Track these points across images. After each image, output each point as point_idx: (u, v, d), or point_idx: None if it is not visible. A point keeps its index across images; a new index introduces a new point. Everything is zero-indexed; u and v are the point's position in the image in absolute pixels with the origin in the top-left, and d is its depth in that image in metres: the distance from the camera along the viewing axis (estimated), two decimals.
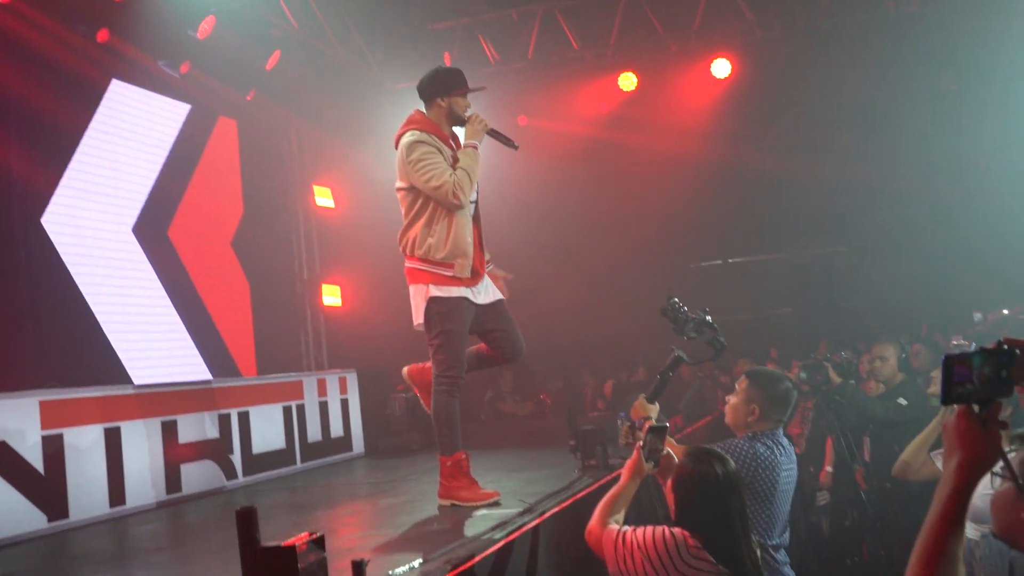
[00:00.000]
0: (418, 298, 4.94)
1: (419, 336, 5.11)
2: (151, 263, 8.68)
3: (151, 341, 8.44)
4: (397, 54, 11.33)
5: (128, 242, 8.50)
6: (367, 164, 11.74)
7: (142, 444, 6.12)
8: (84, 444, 5.67)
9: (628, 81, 11.86)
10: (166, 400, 6.45)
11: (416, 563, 3.61)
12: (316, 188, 11.50)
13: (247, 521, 2.92)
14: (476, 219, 5.12)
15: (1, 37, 7.08)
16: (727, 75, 11.52)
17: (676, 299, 4.62)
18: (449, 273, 4.89)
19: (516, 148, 5.21)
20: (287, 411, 7.64)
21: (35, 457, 5.32)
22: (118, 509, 5.81)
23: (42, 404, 5.43)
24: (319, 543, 2.97)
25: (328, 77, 10.64)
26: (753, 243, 14.87)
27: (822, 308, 13.64)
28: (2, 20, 6.97)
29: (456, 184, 4.79)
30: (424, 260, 4.90)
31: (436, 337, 4.91)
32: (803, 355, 8.88)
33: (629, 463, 3.89)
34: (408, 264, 5.00)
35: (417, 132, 4.93)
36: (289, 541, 2.82)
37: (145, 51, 8.37)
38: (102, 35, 7.85)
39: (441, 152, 4.90)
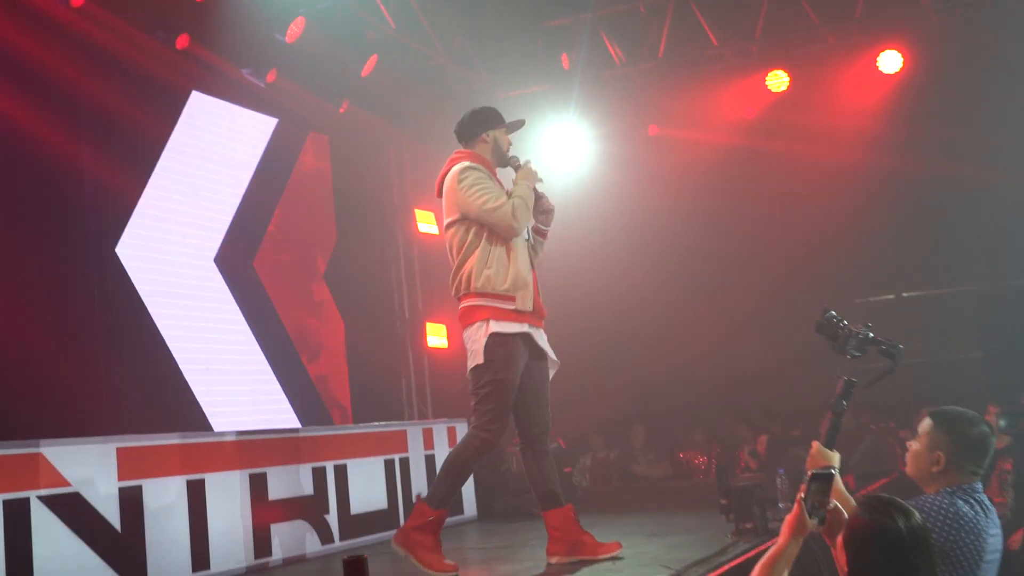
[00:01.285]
0: (477, 337, 5.14)
1: None
2: (234, 297, 8.88)
3: (233, 384, 8.62)
4: (509, 57, 11.42)
5: (209, 273, 8.73)
6: None
7: (228, 500, 6.22)
8: (165, 498, 5.79)
9: (778, 80, 11.69)
10: (254, 450, 6.57)
11: None
12: (418, 212, 11.62)
13: (357, 572, 2.91)
14: (532, 258, 5.47)
15: (73, 43, 7.37)
16: (897, 70, 11.25)
17: (833, 312, 4.47)
18: (511, 307, 5.12)
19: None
20: (389, 465, 7.69)
21: (111, 511, 5.46)
22: (202, 574, 5.90)
23: (119, 451, 5.57)
24: None
25: (431, 85, 10.77)
26: (933, 274, 14.35)
27: (1020, 351, 13.09)
28: (74, 24, 7.26)
29: (515, 207, 5.15)
30: (482, 294, 5.14)
31: (486, 384, 5.12)
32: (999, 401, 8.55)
33: (789, 519, 3.74)
34: (463, 304, 5.25)
35: (467, 162, 5.40)
36: None
37: (228, 58, 8.62)
38: (182, 41, 8.11)
39: (492, 180, 5.36)
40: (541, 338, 5.32)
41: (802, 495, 3.73)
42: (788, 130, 12.18)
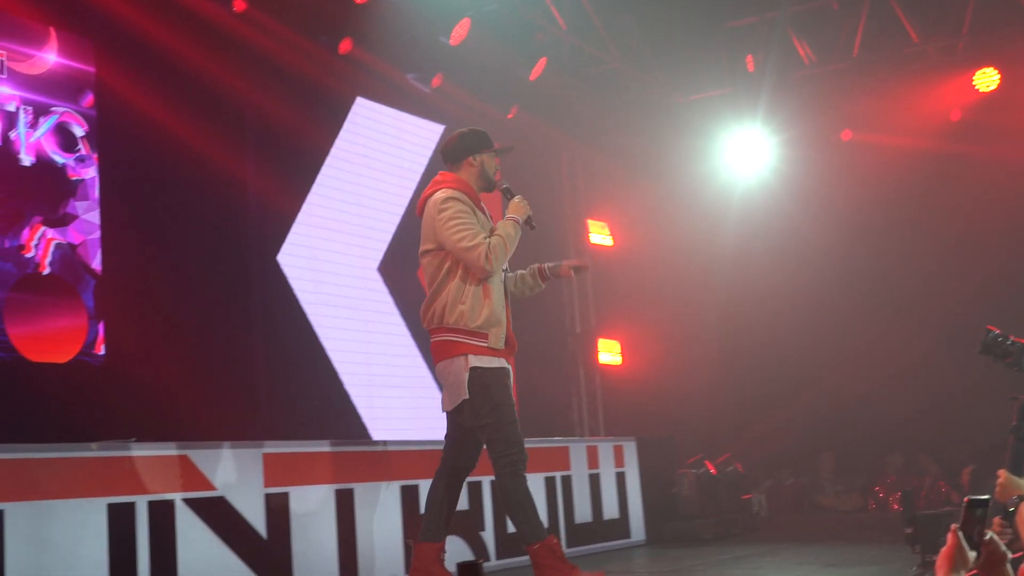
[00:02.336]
0: (455, 371, 5.18)
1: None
2: (397, 306, 9.00)
3: (394, 394, 8.72)
4: (688, 59, 11.23)
5: (372, 283, 8.86)
6: (652, 193, 11.70)
7: (379, 511, 6.26)
8: (312, 506, 5.86)
9: (987, 79, 11.14)
10: (408, 461, 6.60)
11: None
12: (591, 223, 11.57)
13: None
14: (506, 292, 5.45)
15: (235, 49, 7.63)
16: None
17: (994, 330, 4.20)
18: (485, 344, 5.14)
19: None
20: (550, 483, 7.62)
21: (257, 516, 5.56)
22: None
23: (266, 457, 5.68)
24: None
25: (605, 89, 10.70)
26: None
27: None
28: (236, 30, 7.51)
29: (492, 248, 5.11)
30: (454, 329, 5.16)
31: (488, 414, 5.13)
32: None
33: (945, 552, 3.43)
34: (436, 338, 5.29)
35: (451, 190, 5.28)
36: None
37: (392, 63, 8.78)
38: (344, 46, 8.31)
39: (475, 214, 5.27)
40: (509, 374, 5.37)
41: (958, 525, 3.44)
42: (998, 133, 11.57)
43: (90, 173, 7.34)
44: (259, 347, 7.94)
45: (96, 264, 7.35)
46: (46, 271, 7.06)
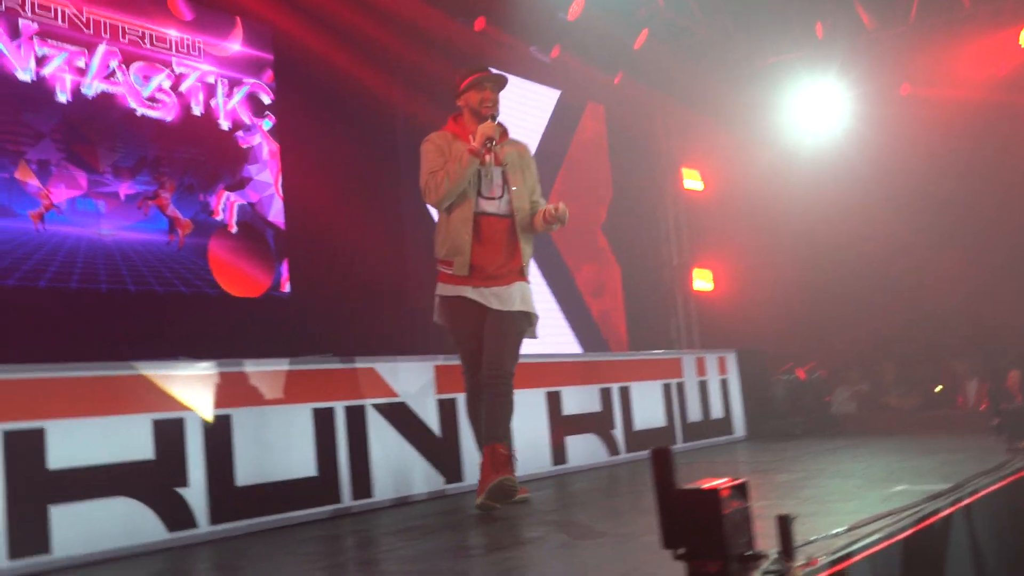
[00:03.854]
0: (436, 299, 4.79)
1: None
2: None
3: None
4: (765, 28, 10.75)
5: None
6: (737, 144, 11.32)
7: (531, 413, 6.10)
8: None
9: None
10: (549, 372, 6.41)
11: (845, 528, 3.15)
12: (684, 171, 11.23)
13: (663, 462, 2.63)
14: (510, 222, 4.68)
15: (389, 30, 7.46)
16: None
17: None
18: (449, 271, 4.68)
19: (491, 150, 4.59)
20: (667, 389, 7.38)
21: (431, 418, 5.44)
22: None
23: (437, 368, 5.54)
24: (742, 491, 2.62)
25: (695, 55, 10.33)
26: None
27: None
28: (391, 10, 7.32)
29: (427, 184, 4.59)
30: (437, 260, 4.74)
31: (448, 336, 4.76)
32: None
33: None
34: None
35: (431, 135, 4.76)
36: (710, 485, 2.49)
37: (518, 37, 8.51)
38: (479, 24, 8.06)
39: (442, 152, 4.63)
40: (499, 295, 4.62)
41: None
42: None
43: (256, 139, 7.25)
44: (413, 279, 7.82)
45: (272, 217, 7.30)
46: (234, 230, 7.03)
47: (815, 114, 11.23)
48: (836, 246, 11.27)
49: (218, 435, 4.40)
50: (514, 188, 4.71)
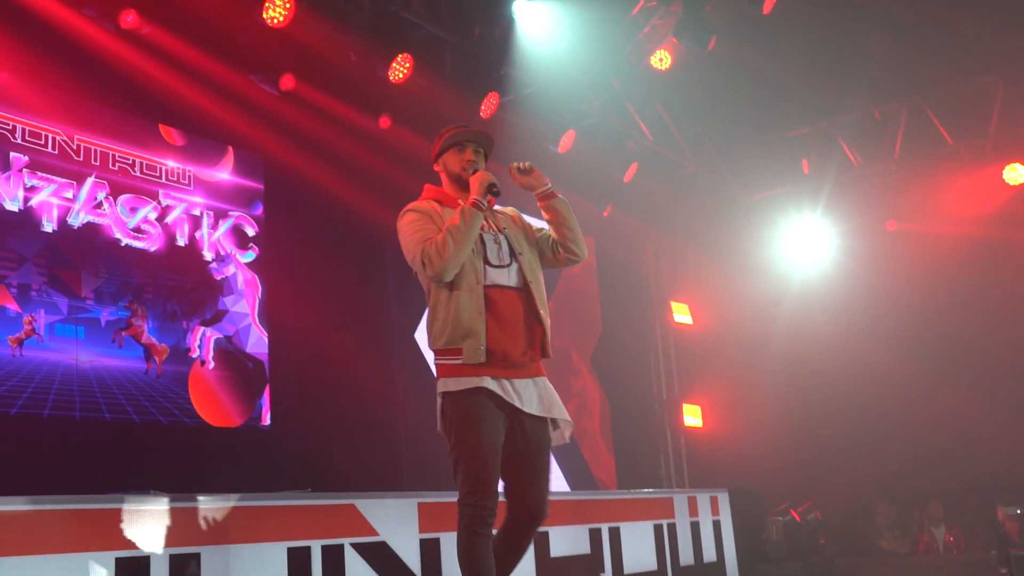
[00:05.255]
0: (438, 398, 3.74)
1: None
2: None
3: None
4: (753, 164, 10.97)
5: None
6: (726, 278, 11.37)
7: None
8: None
9: (1015, 173, 10.64)
10: None
11: None
12: (674, 304, 11.24)
13: None
14: (525, 295, 3.79)
15: (382, 150, 7.54)
16: None
17: None
18: (457, 360, 3.63)
19: (497, 194, 3.89)
20: (658, 529, 7.17)
21: (413, 560, 5.23)
22: None
23: (420, 506, 5.36)
24: None
25: (684, 189, 10.49)
26: None
27: None
28: (382, 142, 7.42)
29: (426, 251, 3.62)
30: (435, 352, 3.76)
31: (453, 449, 3.62)
32: None
33: None
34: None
35: (411, 205, 3.88)
36: None
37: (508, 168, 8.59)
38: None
39: (432, 220, 3.77)
40: (527, 391, 3.69)
41: None
42: None
43: (231, 270, 7.23)
44: (400, 412, 7.69)
45: (251, 347, 7.23)
46: (211, 366, 6.95)
47: (803, 249, 11.35)
48: (827, 382, 11.21)
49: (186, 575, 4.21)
50: (521, 254, 3.88)
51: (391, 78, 7.12)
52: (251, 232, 7.42)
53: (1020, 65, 9.73)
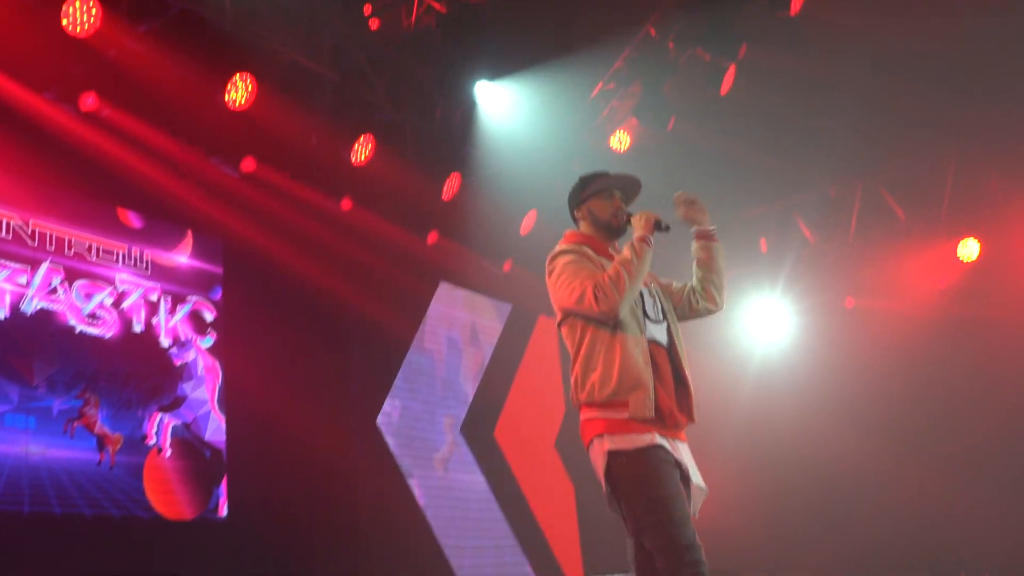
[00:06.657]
0: (595, 457, 3.44)
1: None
2: (477, 463, 8.64)
3: (477, 539, 8.30)
4: None
5: (457, 443, 8.53)
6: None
7: None
8: None
9: (968, 249, 10.85)
10: None
11: None
12: None
13: None
14: (672, 355, 3.58)
15: (349, 235, 7.54)
16: None
17: None
18: (623, 416, 3.37)
19: (667, 230, 3.81)
20: None
21: None
22: None
23: None
24: None
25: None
26: None
27: None
28: (343, 221, 7.42)
29: (599, 285, 3.42)
30: (590, 405, 3.44)
31: (644, 512, 3.32)
32: None
33: None
34: (581, 417, 3.52)
35: (561, 247, 3.75)
36: None
37: (471, 250, 8.63)
38: (432, 237, 8.17)
39: (592, 260, 3.62)
40: (683, 454, 3.48)
41: None
42: (986, 296, 11.20)
43: (191, 355, 7.12)
44: (365, 499, 7.56)
45: (210, 435, 7.09)
46: (168, 453, 6.80)
47: (763, 328, 11.45)
48: (788, 460, 11.23)
49: None
50: (670, 312, 3.72)
51: (353, 160, 7.14)
52: (209, 317, 7.32)
53: (973, 140, 10.00)
